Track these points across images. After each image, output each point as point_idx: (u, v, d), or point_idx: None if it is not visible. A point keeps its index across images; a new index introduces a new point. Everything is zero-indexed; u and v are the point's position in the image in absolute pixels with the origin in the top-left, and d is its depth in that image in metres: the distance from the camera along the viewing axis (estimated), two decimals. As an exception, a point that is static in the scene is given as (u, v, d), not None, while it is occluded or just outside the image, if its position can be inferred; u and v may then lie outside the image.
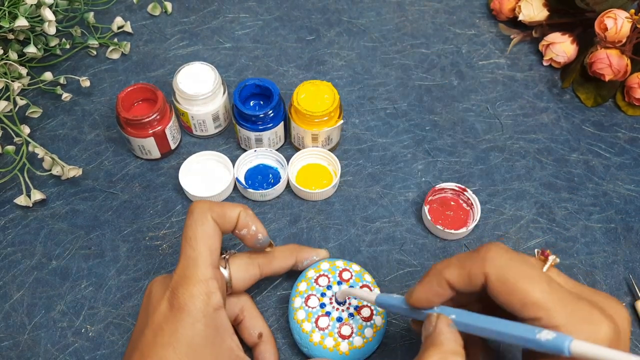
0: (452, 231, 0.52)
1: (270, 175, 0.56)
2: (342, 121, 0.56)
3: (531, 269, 0.34)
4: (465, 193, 0.54)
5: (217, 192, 0.54)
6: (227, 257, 0.44)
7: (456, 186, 0.55)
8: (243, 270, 0.44)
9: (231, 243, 0.53)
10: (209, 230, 0.41)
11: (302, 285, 0.47)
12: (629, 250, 0.54)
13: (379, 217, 0.55)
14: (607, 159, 0.59)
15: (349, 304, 0.46)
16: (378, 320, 0.46)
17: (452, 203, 0.55)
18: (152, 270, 0.52)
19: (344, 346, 0.45)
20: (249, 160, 0.57)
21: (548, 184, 0.57)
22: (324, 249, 0.50)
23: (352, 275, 0.48)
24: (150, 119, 0.54)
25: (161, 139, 0.56)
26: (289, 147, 0.59)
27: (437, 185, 0.55)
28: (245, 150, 0.58)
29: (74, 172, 0.54)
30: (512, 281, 0.33)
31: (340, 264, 0.48)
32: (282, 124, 0.56)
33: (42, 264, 0.52)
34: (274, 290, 0.51)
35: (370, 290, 0.47)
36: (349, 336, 0.45)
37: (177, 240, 0.53)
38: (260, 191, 0.54)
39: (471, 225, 0.53)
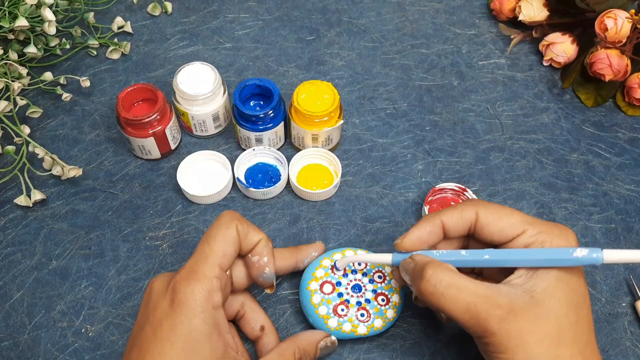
0: (452, 231, 0.52)
1: (270, 173, 0.56)
2: (342, 121, 0.56)
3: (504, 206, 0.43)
4: (465, 193, 0.54)
5: (215, 192, 0.54)
6: None
7: (456, 186, 0.55)
8: (242, 269, 0.45)
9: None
10: (230, 236, 0.42)
11: (319, 272, 0.48)
12: (629, 250, 0.54)
13: (379, 217, 0.55)
14: (607, 159, 0.59)
15: (364, 291, 0.47)
16: (396, 298, 0.47)
17: (452, 203, 0.55)
18: (152, 270, 0.52)
19: (362, 329, 0.46)
20: (248, 159, 0.57)
21: (548, 184, 0.57)
22: (318, 241, 0.50)
23: (365, 265, 0.48)
24: (150, 119, 0.54)
25: (161, 139, 0.56)
26: (289, 147, 0.59)
27: (437, 186, 0.55)
28: (245, 150, 0.58)
29: (74, 172, 0.54)
30: (500, 210, 0.41)
31: (350, 253, 0.49)
32: (282, 124, 0.56)
33: (42, 264, 0.52)
34: (274, 290, 0.51)
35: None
36: (366, 320, 0.46)
37: (177, 240, 0.53)
38: (262, 189, 0.54)
39: (471, 226, 0.53)
